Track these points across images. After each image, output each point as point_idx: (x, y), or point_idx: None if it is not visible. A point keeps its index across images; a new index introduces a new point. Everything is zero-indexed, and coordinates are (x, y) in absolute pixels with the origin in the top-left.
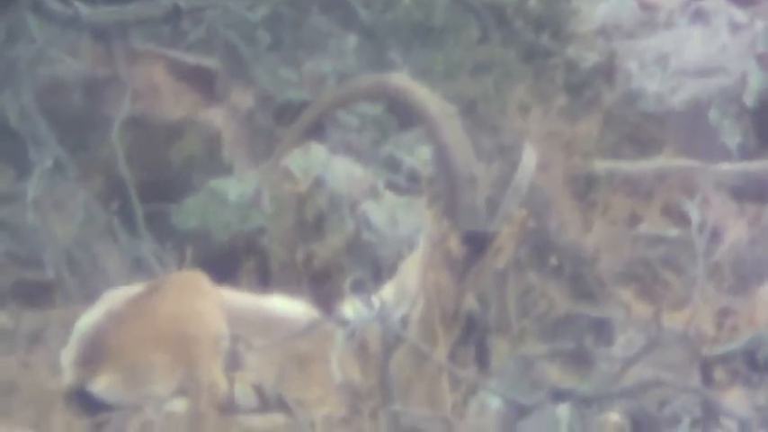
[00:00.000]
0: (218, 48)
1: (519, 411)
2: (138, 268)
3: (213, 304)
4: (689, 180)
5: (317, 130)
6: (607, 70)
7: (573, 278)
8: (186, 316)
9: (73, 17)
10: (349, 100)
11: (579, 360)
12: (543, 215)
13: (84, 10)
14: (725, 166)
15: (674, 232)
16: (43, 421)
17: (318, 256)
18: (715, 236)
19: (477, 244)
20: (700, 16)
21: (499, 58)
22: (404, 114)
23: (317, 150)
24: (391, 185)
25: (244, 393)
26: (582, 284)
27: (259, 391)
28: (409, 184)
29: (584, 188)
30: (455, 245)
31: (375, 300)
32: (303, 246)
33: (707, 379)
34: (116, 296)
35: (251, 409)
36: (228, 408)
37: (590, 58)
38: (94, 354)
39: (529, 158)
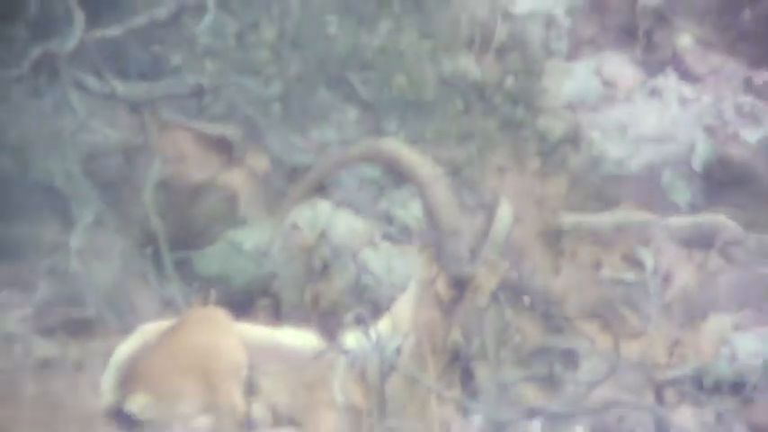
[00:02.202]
0: (237, 119)
1: (498, 427)
2: (167, 306)
3: (232, 336)
4: (645, 231)
5: (320, 190)
6: (573, 138)
7: (544, 315)
8: (208, 348)
9: (110, 93)
10: (347, 163)
11: (550, 383)
12: (518, 262)
13: (120, 87)
14: (675, 220)
15: (631, 276)
16: None
17: (324, 297)
18: (667, 279)
19: (462, 286)
20: (654, 92)
21: (480, 128)
22: (398, 174)
23: (322, 206)
24: (387, 236)
25: (260, 412)
26: (552, 320)
27: (273, 410)
28: (402, 235)
29: (554, 238)
30: (443, 286)
31: (373, 332)
32: (310, 288)
33: (659, 399)
34: (148, 329)
35: (266, 425)
36: (247, 425)
37: (559, 127)
38: (130, 379)
39: (505, 213)
